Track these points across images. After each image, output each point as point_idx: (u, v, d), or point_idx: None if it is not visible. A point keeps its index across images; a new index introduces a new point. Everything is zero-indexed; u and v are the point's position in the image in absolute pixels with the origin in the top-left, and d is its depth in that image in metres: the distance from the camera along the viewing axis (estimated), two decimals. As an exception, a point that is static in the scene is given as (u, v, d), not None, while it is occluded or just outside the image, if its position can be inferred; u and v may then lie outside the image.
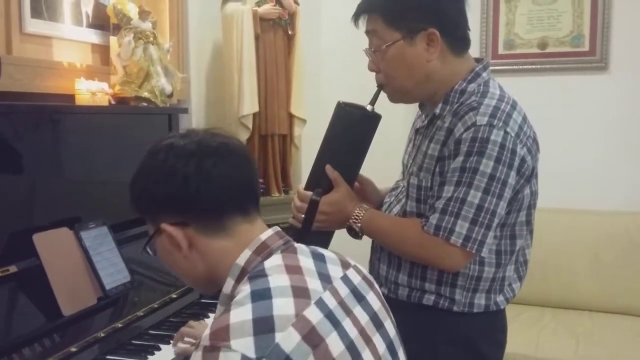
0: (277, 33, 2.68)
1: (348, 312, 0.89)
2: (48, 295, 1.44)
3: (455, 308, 1.36)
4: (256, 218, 0.96)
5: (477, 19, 3.18)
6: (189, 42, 2.48)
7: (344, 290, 0.92)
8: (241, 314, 0.80)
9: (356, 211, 1.40)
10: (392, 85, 1.38)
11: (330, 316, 0.85)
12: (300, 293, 0.84)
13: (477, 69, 1.36)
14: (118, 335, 1.56)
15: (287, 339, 0.78)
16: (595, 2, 3.00)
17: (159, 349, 1.52)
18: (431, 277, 1.36)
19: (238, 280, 0.89)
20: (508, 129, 1.26)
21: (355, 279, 0.97)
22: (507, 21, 3.15)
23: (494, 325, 1.43)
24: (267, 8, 2.62)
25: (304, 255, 0.93)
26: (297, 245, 0.96)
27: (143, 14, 2.02)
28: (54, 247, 1.51)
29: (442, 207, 1.28)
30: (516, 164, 1.27)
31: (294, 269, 0.89)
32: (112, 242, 1.68)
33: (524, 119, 1.34)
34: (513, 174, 1.27)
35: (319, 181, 1.43)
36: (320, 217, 1.40)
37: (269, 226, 0.97)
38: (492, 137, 1.24)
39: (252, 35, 2.59)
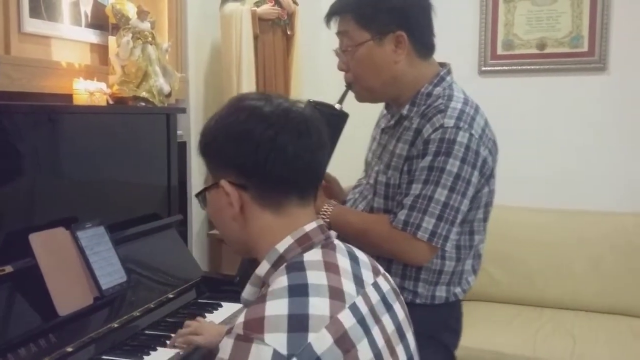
0: (276, 33, 2.69)
1: (377, 320, 0.90)
2: (44, 295, 1.44)
3: (418, 301, 1.44)
4: (311, 204, 0.96)
5: (476, 19, 3.18)
6: (187, 42, 2.48)
7: (374, 297, 0.92)
8: (277, 307, 0.80)
9: (324, 207, 1.47)
10: (360, 84, 1.45)
11: (362, 322, 0.85)
12: (336, 295, 0.84)
13: (441, 73, 1.45)
14: (114, 336, 1.56)
15: (320, 340, 0.78)
16: (594, 3, 3.00)
17: (155, 349, 1.52)
18: (396, 272, 1.44)
19: (274, 266, 0.90)
20: (473, 131, 1.35)
21: (385, 287, 0.98)
22: (506, 21, 3.15)
23: (452, 316, 1.53)
24: (266, 8, 2.63)
25: (341, 254, 0.94)
26: (336, 242, 0.96)
27: (142, 14, 2.02)
28: (50, 247, 1.51)
29: (410, 204, 1.36)
30: (479, 164, 1.36)
31: (331, 267, 0.88)
32: (109, 242, 1.68)
33: (486, 122, 1.43)
34: (476, 173, 1.36)
35: None
36: None
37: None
38: (459, 139, 1.33)
39: (251, 35, 2.59)
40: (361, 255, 0.99)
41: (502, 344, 2.56)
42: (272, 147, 0.89)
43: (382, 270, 1.02)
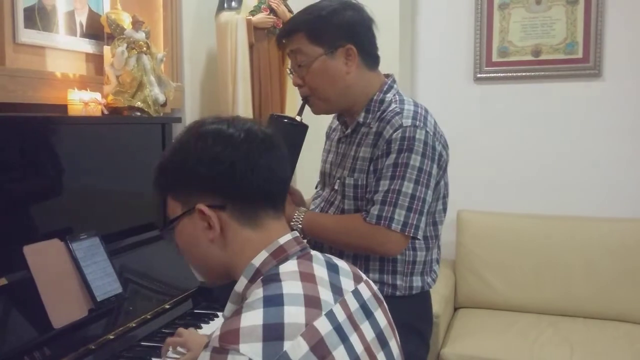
0: (271, 42, 2.69)
1: (356, 327, 0.90)
2: (38, 307, 1.43)
3: (397, 293, 1.55)
4: (282, 215, 0.98)
5: (471, 27, 3.20)
6: (183, 51, 2.48)
7: (353, 305, 0.93)
8: (252, 318, 0.80)
9: (295, 214, 1.57)
10: (316, 96, 1.55)
11: (338, 329, 0.85)
12: (312, 303, 0.85)
13: (389, 82, 1.59)
14: (110, 347, 1.55)
15: (296, 348, 0.78)
16: (588, 10, 3.01)
17: (150, 360, 1.51)
18: (374, 268, 1.54)
19: (251, 281, 0.90)
20: (427, 129, 1.48)
21: (366, 294, 0.98)
22: (501, 29, 3.16)
23: (426, 304, 1.65)
24: (261, 17, 2.63)
25: (318, 264, 0.95)
26: (313, 253, 0.97)
27: (136, 24, 2.03)
28: (44, 258, 1.51)
29: (381, 199, 1.47)
30: (436, 157, 1.50)
31: (307, 277, 0.89)
32: (104, 252, 1.67)
33: (435, 121, 1.56)
34: (435, 166, 1.49)
35: None
36: None
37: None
38: (417, 136, 1.46)
39: (246, 44, 2.59)
40: (341, 263, 1.00)
41: (500, 351, 2.56)
42: (247, 163, 0.92)
43: (364, 277, 1.02)
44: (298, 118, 1.58)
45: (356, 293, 0.96)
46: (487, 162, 3.19)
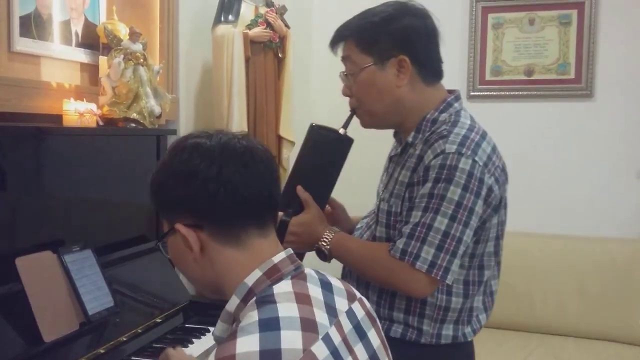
0: (267, 56, 2.69)
1: (350, 350, 0.88)
2: (29, 320, 1.41)
3: (422, 340, 1.36)
4: (271, 232, 0.94)
5: (464, 45, 3.22)
6: (179, 63, 2.48)
7: (347, 326, 0.91)
8: (248, 343, 0.78)
9: (326, 233, 1.43)
10: (363, 109, 1.42)
11: (335, 354, 0.83)
12: (309, 327, 0.83)
13: (449, 99, 1.40)
14: (100, 362, 1.53)
15: None
16: (580, 31, 3.06)
17: (141, 376, 1.49)
18: (399, 306, 1.37)
19: (244, 301, 0.88)
20: (476, 158, 1.29)
21: (360, 313, 0.96)
22: (495, 48, 3.19)
23: (460, 358, 1.43)
24: (257, 31, 2.63)
25: (312, 283, 0.92)
26: (307, 271, 0.94)
27: (134, 36, 2.02)
28: (36, 271, 1.48)
29: (409, 232, 1.30)
30: (483, 192, 1.29)
31: (303, 298, 0.87)
32: (96, 265, 1.65)
33: (494, 149, 1.38)
34: (480, 202, 1.29)
35: (290, 202, 1.44)
36: (290, 237, 1.41)
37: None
38: (460, 165, 1.27)
39: (243, 58, 2.59)
40: (335, 282, 0.97)
41: (490, 369, 2.55)
42: (219, 181, 0.88)
43: (358, 295, 1.00)
44: (342, 131, 1.45)
45: (350, 313, 0.94)
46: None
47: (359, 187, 1.92)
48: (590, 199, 3.08)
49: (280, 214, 1.41)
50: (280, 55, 2.75)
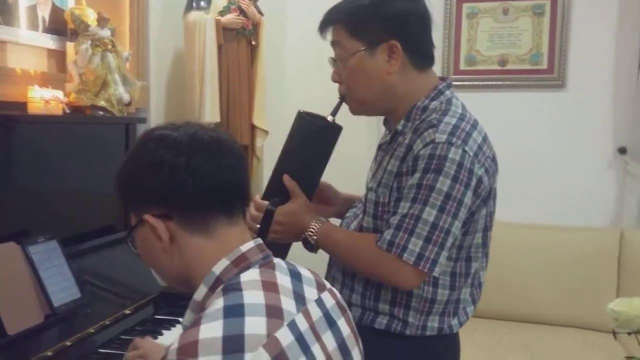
0: (240, 43, 2.66)
1: (318, 337, 0.88)
2: (-8, 313, 1.38)
3: (407, 331, 1.34)
4: (240, 221, 0.94)
5: (439, 35, 3.22)
6: (149, 50, 2.43)
7: (316, 314, 0.91)
8: (212, 330, 0.78)
9: (312, 223, 1.39)
10: (352, 96, 1.37)
11: (300, 340, 0.84)
12: (274, 313, 0.83)
13: (440, 86, 1.36)
14: (66, 354, 1.50)
15: (257, 359, 0.76)
16: (553, 22, 3.07)
17: (108, 368, 1.47)
18: (385, 298, 1.34)
19: (212, 289, 0.88)
20: (467, 148, 1.25)
21: (329, 302, 0.96)
22: (469, 37, 3.20)
23: (446, 350, 1.41)
24: (230, 17, 2.60)
25: (281, 272, 0.92)
26: (276, 261, 0.94)
27: (102, 21, 1.98)
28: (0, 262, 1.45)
29: (396, 224, 1.27)
30: (473, 183, 1.26)
31: (270, 286, 0.87)
32: (62, 256, 1.62)
33: (484, 139, 1.34)
34: (469, 193, 1.26)
35: (276, 191, 1.41)
36: (276, 227, 1.38)
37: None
38: (450, 155, 1.23)
39: (215, 45, 2.56)
40: (305, 272, 0.97)
41: (461, 357, 2.57)
42: (187, 170, 0.89)
43: (328, 285, 1.00)
44: (330, 118, 1.41)
45: (319, 302, 0.94)
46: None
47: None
48: (562, 189, 3.11)
49: (266, 203, 1.39)
50: (253, 43, 2.71)
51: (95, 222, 1.96)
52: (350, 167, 2.02)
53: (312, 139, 1.42)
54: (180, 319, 1.82)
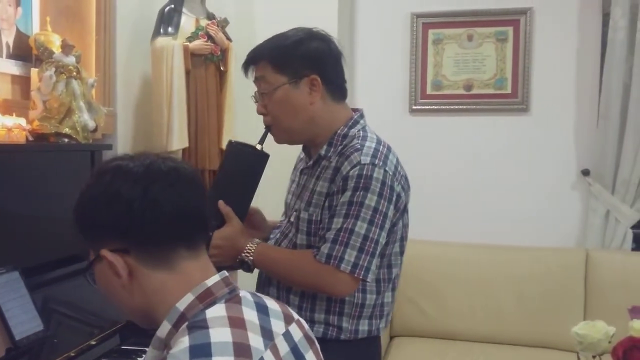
0: (208, 69, 2.66)
1: None
2: (-52, 349, 1.33)
3: (342, 336, 1.48)
4: (202, 254, 0.92)
5: (406, 60, 3.28)
6: (116, 76, 2.42)
7: (284, 349, 0.89)
8: None
9: (248, 245, 1.50)
10: (279, 126, 1.52)
11: None
12: (242, 352, 0.81)
13: (355, 116, 1.55)
14: (28, 390, 1.46)
15: None
16: (516, 48, 3.16)
17: (72, 403, 1.43)
18: (320, 307, 1.48)
19: (176, 326, 0.85)
20: (387, 168, 1.44)
21: (297, 335, 0.95)
22: (435, 63, 3.26)
23: (373, 349, 1.57)
24: (198, 44, 2.60)
25: (248, 307, 0.90)
26: (242, 294, 0.92)
27: (66, 48, 1.96)
28: (-43, 296, 1.41)
29: (332, 237, 1.42)
30: (394, 199, 1.45)
31: (237, 322, 0.84)
32: (24, 288, 1.58)
33: (397, 160, 1.52)
34: (391, 207, 1.45)
35: (212, 216, 1.48)
36: (213, 251, 1.46)
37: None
38: (375, 175, 1.41)
39: (183, 70, 2.55)
40: (271, 304, 0.96)
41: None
42: (145, 202, 0.86)
43: (295, 317, 0.99)
44: (259, 146, 1.55)
45: (287, 335, 0.92)
46: (420, 191, 3.24)
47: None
48: (527, 211, 3.17)
49: None
50: (222, 68, 2.72)
51: (60, 251, 1.92)
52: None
53: (243, 165, 1.56)
54: (147, 349, 1.78)
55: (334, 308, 1.48)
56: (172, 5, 2.60)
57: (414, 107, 3.29)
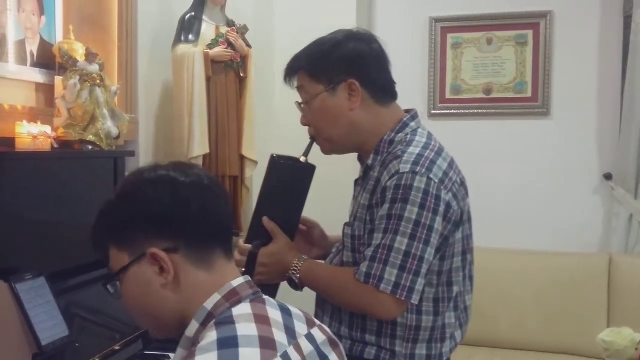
0: (228, 75, 2.68)
1: None
2: (-22, 354, 1.35)
3: None
4: (231, 257, 0.98)
5: (425, 65, 3.27)
6: (138, 83, 2.44)
7: (307, 348, 0.91)
8: None
9: (295, 262, 1.42)
10: (321, 136, 1.45)
11: None
12: (267, 344, 0.84)
13: (405, 119, 1.42)
14: (54, 394, 1.48)
15: None
16: (536, 51, 3.14)
17: (97, 408, 1.44)
18: (371, 328, 1.37)
19: (204, 324, 0.89)
20: (431, 175, 1.30)
21: (320, 338, 0.96)
22: (454, 67, 3.25)
23: None
24: (218, 50, 2.62)
25: (272, 307, 0.93)
26: (265, 297, 0.96)
27: (90, 56, 1.98)
28: (-14, 301, 1.43)
29: (371, 255, 1.31)
30: (441, 209, 1.30)
31: (262, 319, 0.88)
32: (50, 293, 1.60)
33: (450, 164, 1.39)
34: (439, 219, 1.30)
35: (257, 234, 1.46)
36: (260, 269, 1.42)
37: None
38: (415, 184, 1.28)
39: (203, 77, 2.58)
40: (294, 309, 0.98)
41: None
42: (198, 202, 0.92)
43: (317, 322, 1.00)
44: (303, 159, 1.47)
45: (309, 337, 0.94)
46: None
47: (327, 210, 1.92)
48: (548, 215, 3.14)
49: (249, 246, 1.44)
50: (242, 75, 2.74)
51: (84, 257, 1.93)
52: (331, 205, 2.05)
53: (287, 180, 1.49)
54: (170, 354, 1.79)
55: (386, 330, 1.36)
56: (193, 13, 2.62)
57: (433, 112, 3.28)
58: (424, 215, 1.28)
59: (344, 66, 1.38)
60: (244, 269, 1.40)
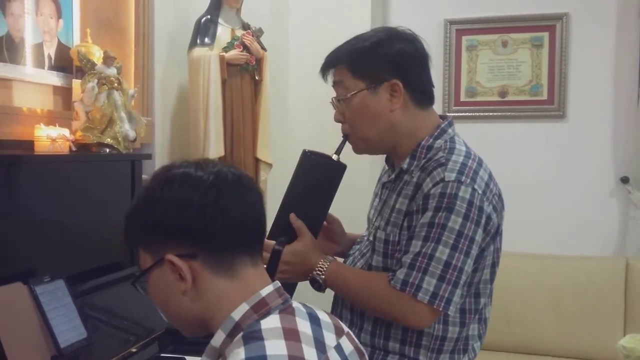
0: (244, 78, 2.68)
1: None
2: (-1, 355, 1.36)
3: None
4: (260, 262, 0.94)
5: (439, 67, 3.26)
6: (154, 87, 2.46)
7: None
8: None
9: (320, 262, 1.38)
10: (356, 135, 1.40)
11: None
12: None
13: (442, 125, 1.39)
14: (72, 396, 1.49)
15: None
16: (552, 54, 3.11)
17: (115, 411, 1.45)
18: (395, 336, 1.34)
19: (230, 336, 0.86)
20: (476, 186, 1.27)
21: (348, 348, 0.94)
22: (469, 69, 3.23)
23: None
24: (234, 53, 2.62)
25: (301, 317, 0.90)
26: (295, 305, 0.92)
27: (108, 60, 1.99)
28: (7, 304, 1.44)
29: (409, 262, 1.27)
30: (483, 221, 1.28)
31: (291, 334, 0.85)
32: (68, 296, 1.61)
33: (490, 176, 1.36)
34: (480, 231, 1.28)
35: (282, 230, 1.41)
36: (283, 267, 1.37)
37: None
38: (460, 194, 1.25)
39: (219, 80, 2.58)
40: (322, 315, 0.96)
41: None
42: (216, 208, 0.88)
43: (345, 329, 0.98)
44: (335, 157, 1.42)
45: (338, 348, 0.92)
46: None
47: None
48: (564, 219, 3.11)
49: (273, 243, 1.38)
50: (257, 78, 2.74)
51: (101, 259, 1.95)
52: (355, 206, 2.02)
53: (318, 177, 1.43)
54: (186, 357, 1.80)
55: (410, 338, 1.33)
56: (209, 16, 2.63)
57: (448, 114, 3.26)
58: (467, 226, 1.25)
59: (388, 65, 1.34)
60: (265, 266, 1.38)
